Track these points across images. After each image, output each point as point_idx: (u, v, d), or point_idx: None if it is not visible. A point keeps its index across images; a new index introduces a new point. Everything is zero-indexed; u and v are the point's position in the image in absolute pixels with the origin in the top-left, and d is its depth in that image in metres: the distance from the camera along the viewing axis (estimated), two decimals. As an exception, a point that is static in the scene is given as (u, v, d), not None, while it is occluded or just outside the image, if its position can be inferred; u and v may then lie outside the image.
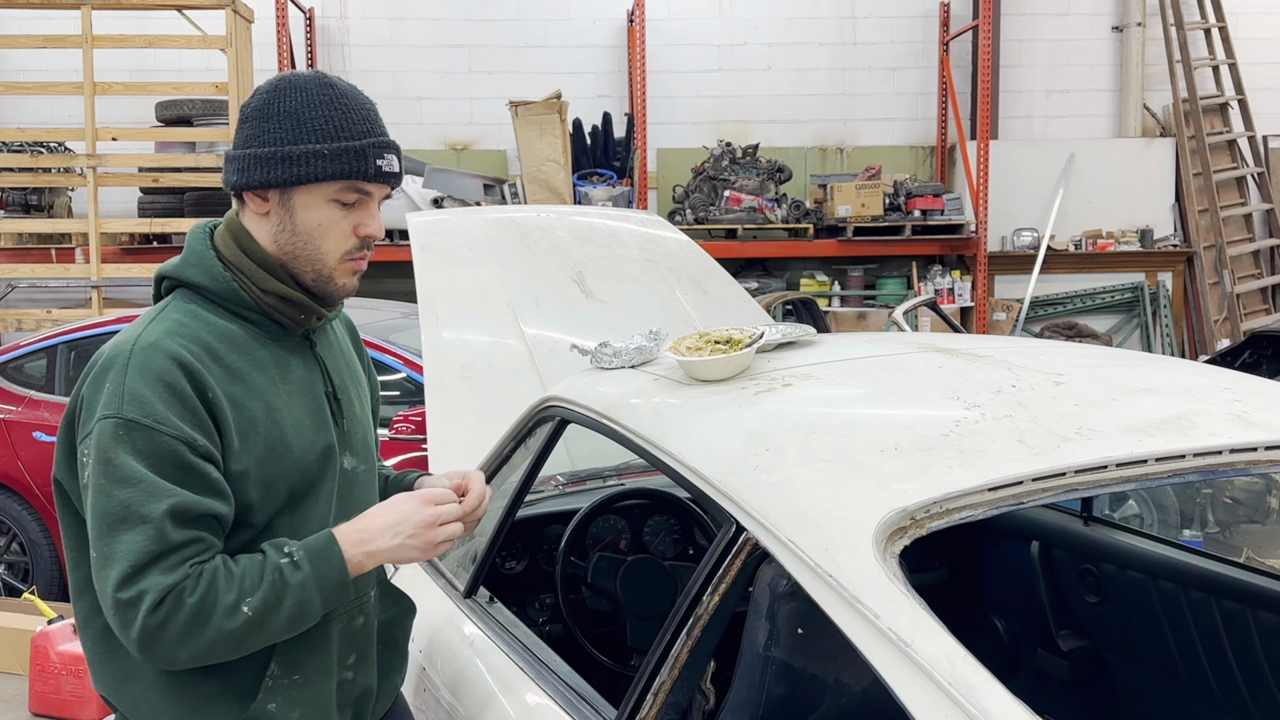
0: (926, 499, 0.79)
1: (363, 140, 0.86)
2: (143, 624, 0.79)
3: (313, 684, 0.89)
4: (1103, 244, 5.46)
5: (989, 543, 1.54)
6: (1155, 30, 5.56)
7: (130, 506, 0.80)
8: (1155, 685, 1.35)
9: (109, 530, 0.80)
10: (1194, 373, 1.08)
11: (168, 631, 0.80)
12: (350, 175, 0.86)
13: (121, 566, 0.79)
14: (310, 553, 0.84)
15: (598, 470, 1.67)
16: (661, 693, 0.90)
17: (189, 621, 0.80)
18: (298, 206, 0.87)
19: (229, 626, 0.81)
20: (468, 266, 1.65)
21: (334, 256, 0.88)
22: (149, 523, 0.80)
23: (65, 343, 2.95)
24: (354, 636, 0.93)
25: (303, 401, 0.90)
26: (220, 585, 0.81)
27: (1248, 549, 2.83)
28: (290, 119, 0.85)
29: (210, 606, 0.80)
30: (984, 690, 0.65)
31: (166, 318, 0.87)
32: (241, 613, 0.81)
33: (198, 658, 0.82)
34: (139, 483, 0.80)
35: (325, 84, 0.88)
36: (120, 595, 0.79)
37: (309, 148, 0.85)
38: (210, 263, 0.88)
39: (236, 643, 0.82)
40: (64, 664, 2.20)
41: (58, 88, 4.30)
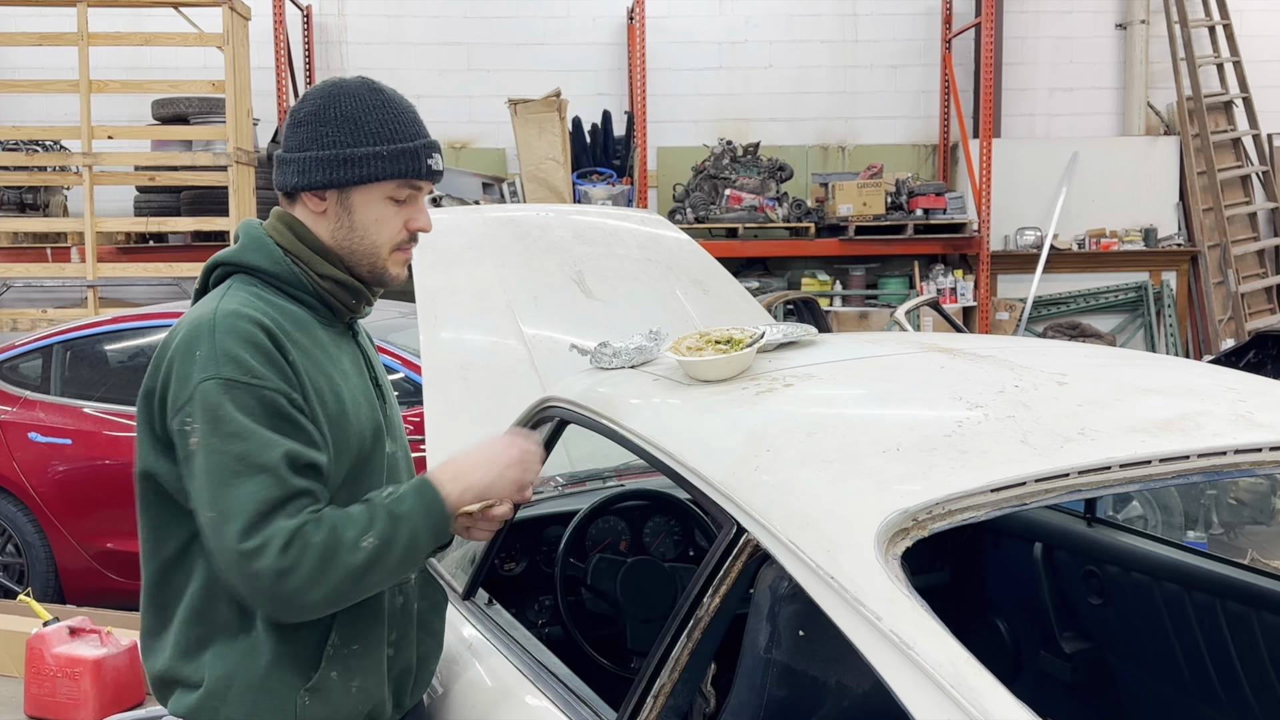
0: (929, 500, 0.79)
1: (415, 141, 0.94)
2: (274, 568, 0.82)
3: (370, 654, 0.92)
4: (1106, 243, 5.44)
5: (991, 544, 1.54)
6: (1159, 27, 5.54)
7: (247, 458, 0.83)
8: (1159, 688, 1.35)
9: (226, 485, 0.83)
10: (1198, 373, 1.07)
11: (298, 573, 0.83)
12: (406, 174, 0.93)
13: (245, 516, 0.82)
14: (412, 488, 0.90)
15: (597, 471, 1.67)
16: (662, 695, 0.90)
17: (318, 561, 0.83)
18: (356, 205, 0.93)
19: (354, 561, 0.84)
20: (466, 266, 1.65)
21: (387, 249, 0.95)
22: (267, 471, 0.83)
23: (61, 343, 2.94)
24: (395, 615, 0.96)
25: (356, 383, 0.95)
26: (340, 524, 0.85)
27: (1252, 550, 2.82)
28: (348, 123, 0.92)
29: (335, 544, 0.84)
30: (986, 693, 0.65)
31: (235, 295, 0.91)
32: (363, 547, 0.85)
33: (327, 599, 0.85)
34: (251, 435, 0.84)
35: (375, 89, 0.95)
36: (246, 545, 0.82)
37: (368, 150, 0.91)
38: (271, 249, 0.94)
39: (359, 578, 0.85)
40: (59, 666, 2.20)
41: (53, 85, 4.29)
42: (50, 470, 2.79)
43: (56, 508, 2.79)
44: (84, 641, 2.24)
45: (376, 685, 0.93)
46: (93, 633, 2.27)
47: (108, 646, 2.24)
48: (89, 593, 2.80)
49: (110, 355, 2.99)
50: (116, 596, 2.74)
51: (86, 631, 2.27)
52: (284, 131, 0.95)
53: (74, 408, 2.85)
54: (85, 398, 2.86)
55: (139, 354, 2.96)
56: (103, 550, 2.76)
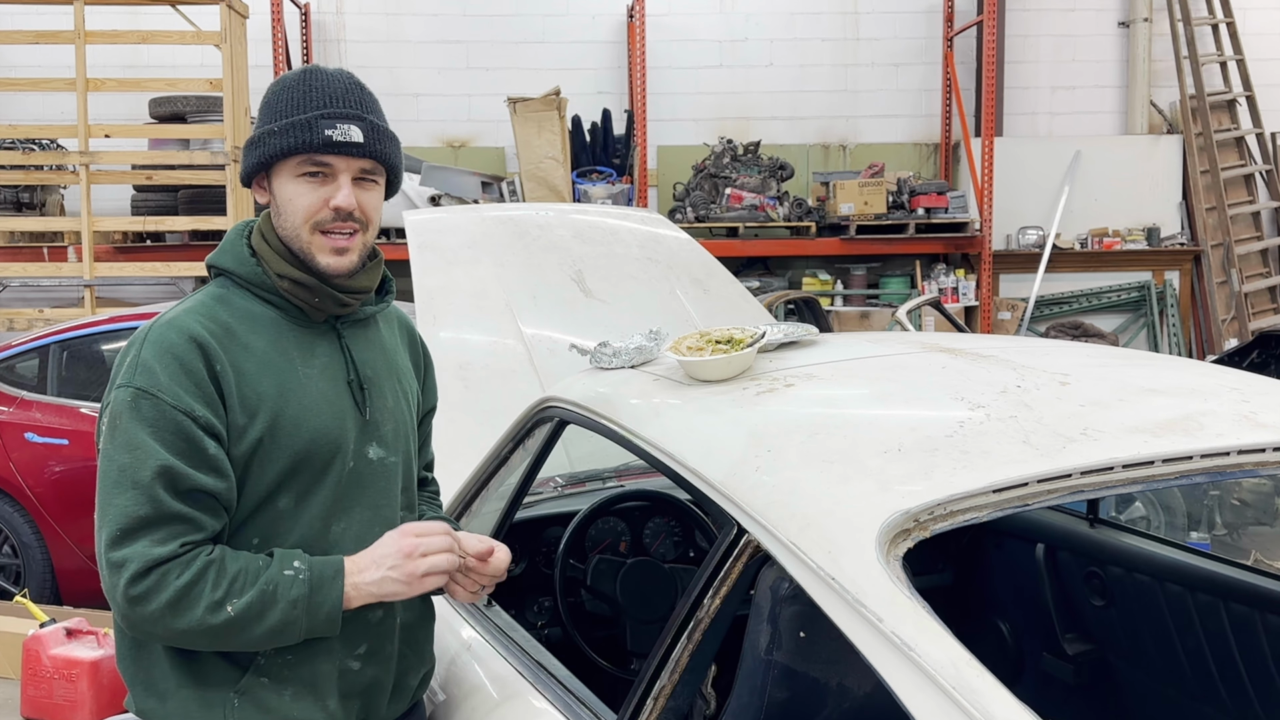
0: (930, 501, 0.79)
1: (309, 113, 0.89)
2: (124, 590, 0.82)
3: (304, 665, 0.90)
4: (1109, 242, 5.43)
5: (993, 545, 1.53)
6: (1162, 25, 5.52)
7: (126, 470, 0.84)
8: (1162, 689, 1.34)
9: (106, 493, 0.84)
10: (1201, 373, 1.07)
11: (148, 605, 0.82)
12: (298, 149, 0.89)
13: (112, 527, 0.83)
14: (314, 576, 0.86)
15: (597, 472, 1.67)
16: (662, 697, 0.89)
17: (170, 604, 0.82)
18: (276, 188, 0.92)
19: (210, 621, 0.83)
20: (465, 265, 1.64)
21: (306, 229, 0.91)
22: (140, 487, 0.83)
23: (57, 343, 2.93)
24: (368, 628, 0.93)
25: (321, 386, 0.93)
26: (210, 578, 0.83)
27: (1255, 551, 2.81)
28: (265, 108, 0.92)
29: (196, 596, 0.82)
30: (988, 695, 0.65)
31: (195, 299, 0.93)
32: (225, 611, 0.83)
33: (172, 640, 0.85)
34: (137, 448, 0.84)
35: (309, 71, 0.92)
36: (110, 556, 0.83)
37: (265, 129, 0.91)
38: (239, 250, 0.94)
39: (213, 638, 0.84)
40: (56, 668, 2.19)
41: (50, 84, 4.27)
42: (47, 471, 2.79)
43: (53, 508, 2.79)
44: (81, 643, 2.24)
45: (314, 694, 0.90)
46: (89, 634, 2.26)
47: (104, 648, 2.23)
48: (86, 594, 2.80)
49: (107, 355, 2.98)
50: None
51: (83, 633, 2.26)
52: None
53: (71, 408, 2.84)
54: (82, 398, 2.86)
55: (137, 354, 2.96)
56: (100, 551, 2.77)
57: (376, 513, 0.95)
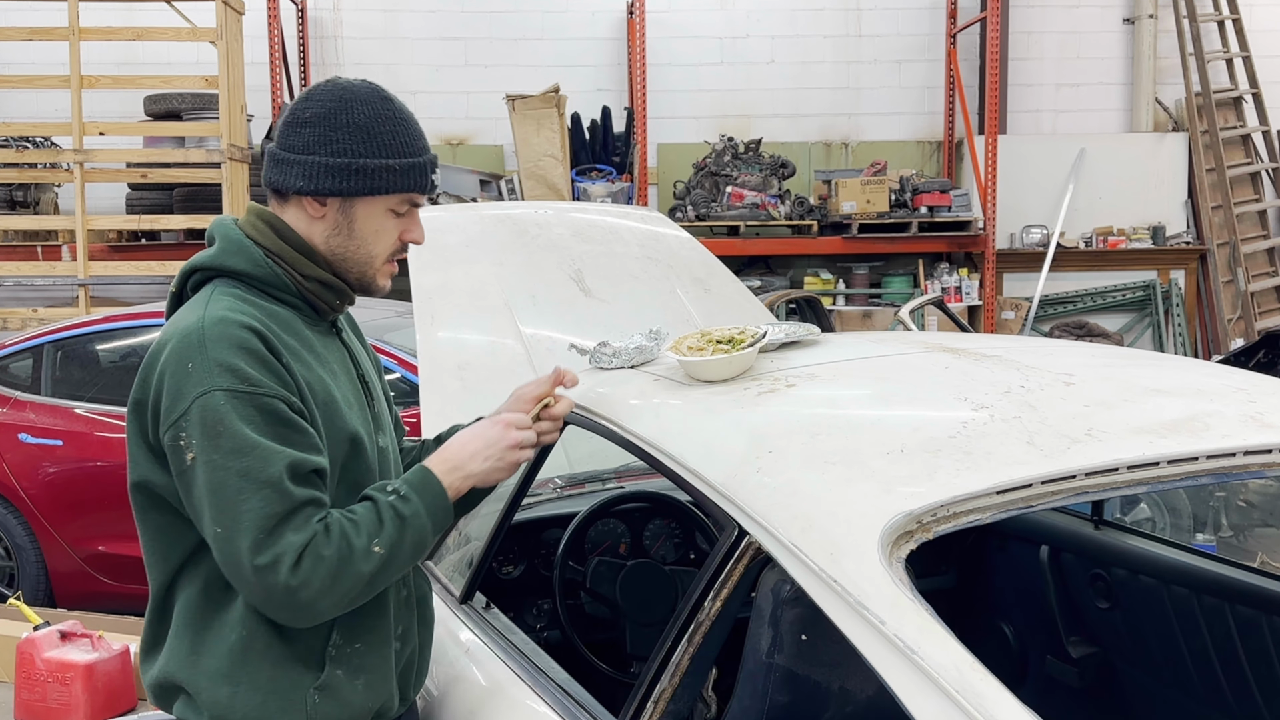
0: (933, 502, 0.78)
1: (424, 156, 0.94)
2: (285, 584, 0.82)
3: (373, 651, 0.92)
4: (1114, 241, 5.41)
5: (997, 547, 1.52)
6: (1167, 22, 5.50)
7: (249, 474, 0.83)
8: (1167, 692, 1.33)
9: (229, 502, 0.83)
10: (1207, 373, 1.06)
11: (311, 586, 0.83)
12: (413, 189, 0.94)
13: (253, 533, 0.82)
14: (413, 486, 0.90)
15: (597, 473, 1.66)
16: (662, 700, 0.89)
17: (330, 574, 0.84)
18: (358, 215, 0.93)
19: (366, 569, 0.85)
20: (464, 264, 1.63)
21: (381, 260, 0.95)
22: (271, 485, 0.83)
23: (51, 342, 2.91)
24: (400, 608, 0.96)
25: (343, 381, 0.95)
26: (350, 533, 0.86)
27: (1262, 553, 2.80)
28: (360, 132, 0.91)
29: (347, 554, 0.84)
30: (992, 698, 0.64)
31: (219, 301, 0.89)
32: (375, 554, 0.86)
33: (339, 605, 0.86)
34: (253, 448, 0.83)
35: (385, 98, 0.94)
36: (258, 561, 0.82)
37: (381, 162, 0.91)
38: (251, 251, 0.92)
39: (370, 582, 0.86)
40: (50, 671, 2.17)
41: (44, 81, 4.26)
42: (41, 472, 2.76)
43: (47, 510, 2.77)
44: (75, 646, 2.22)
45: (383, 681, 0.93)
46: (84, 637, 2.25)
47: (99, 651, 2.22)
48: (80, 596, 2.78)
49: (102, 355, 2.97)
50: (108, 600, 2.72)
51: (78, 636, 2.25)
52: (282, 128, 0.93)
53: (65, 408, 2.82)
54: (76, 398, 2.84)
55: (131, 354, 2.93)
56: (94, 553, 2.74)
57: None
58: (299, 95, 0.94)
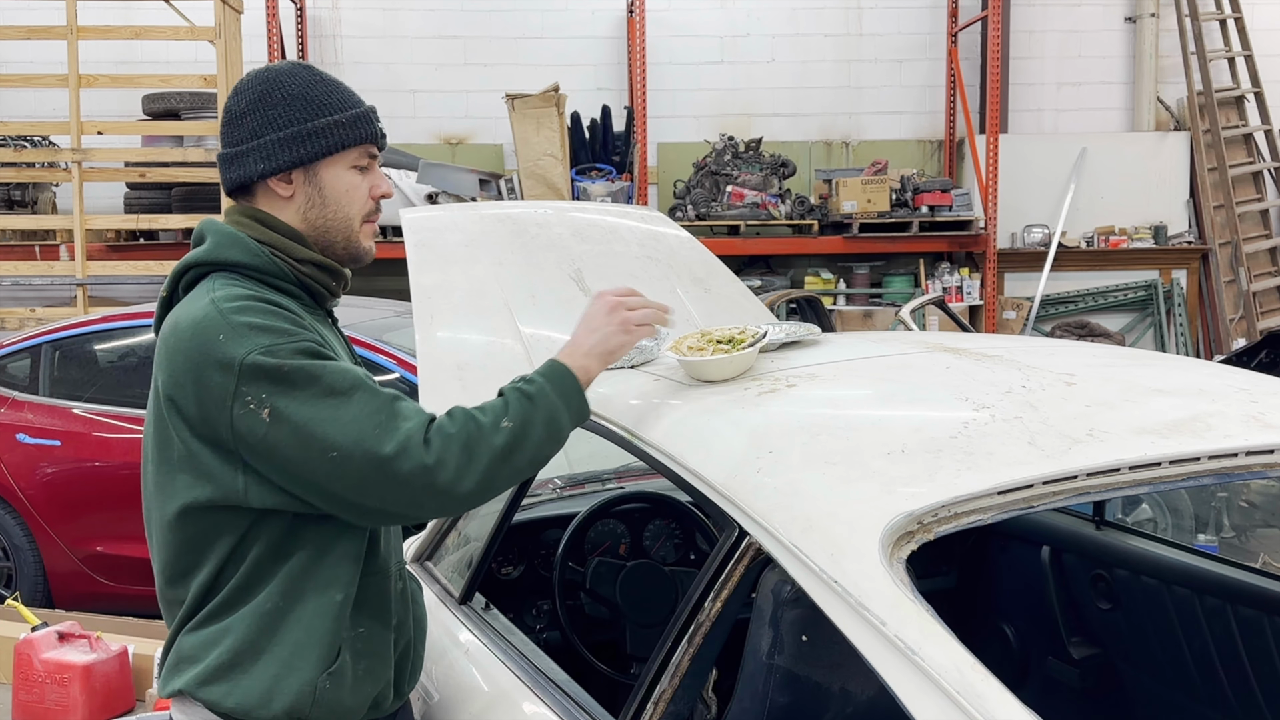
0: (934, 502, 0.78)
1: (363, 107, 0.94)
2: (421, 464, 0.82)
3: (375, 636, 0.92)
4: (1115, 241, 5.40)
5: (998, 547, 1.52)
6: (1169, 21, 5.48)
7: (334, 389, 0.83)
8: (1169, 694, 1.33)
9: (331, 421, 0.82)
10: (1209, 373, 1.06)
11: (447, 465, 0.83)
12: (365, 139, 0.94)
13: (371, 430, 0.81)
14: (538, 371, 0.91)
15: (596, 473, 1.66)
16: (662, 702, 0.89)
17: (463, 448, 0.83)
18: (325, 179, 0.93)
19: (498, 442, 0.85)
20: (463, 264, 1.63)
21: (359, 219, 0.95)
22: (359, 387, 0.83)
23: (50, 342, 2.91)
24: (397, 599, 0.96)
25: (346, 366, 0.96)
26: (474, 413, 0.86)
27: (1264, 554, 2.80)
28: (298, 100, 0.91)
29: (475, 430, 0.85)
30: (993, 699, 0.64)
31: (221, 289, 0.88)
32: (504, 428, 0.86)
33: (481, 486, 0.85)
34: (323, 370, 0.83)
35: (307, 67, 0.94)
36: (387, 450, 0.81)
37: (328, 119, 0.91)
38: (246, 243, 0.91)
39: (508, 458, 0.86)
40: (47, 672, 2.17)
41: (42, 80, 4.24)
42: (39, 472, 2.76)
43: (45, 511, 2.76)
44: (73, 647, 2.21)
45: (383, 667, 0.93)
46: (82, 638, 2.25)
47: (97, 652, 2.21)
48: (78, 597, 2.77)
49: (100, 355, 2.96)
50: (106, 601, 2.71)
51: (75, 637, 2.24)
52: (223, 130, 0.93)
53: (63, 408, 2.81)
54: (74, 398, 2.83)
55: (129, 354, 2.93)
56: (92, 554, 2.74)
57: None
58: (229, 94, 0.94)
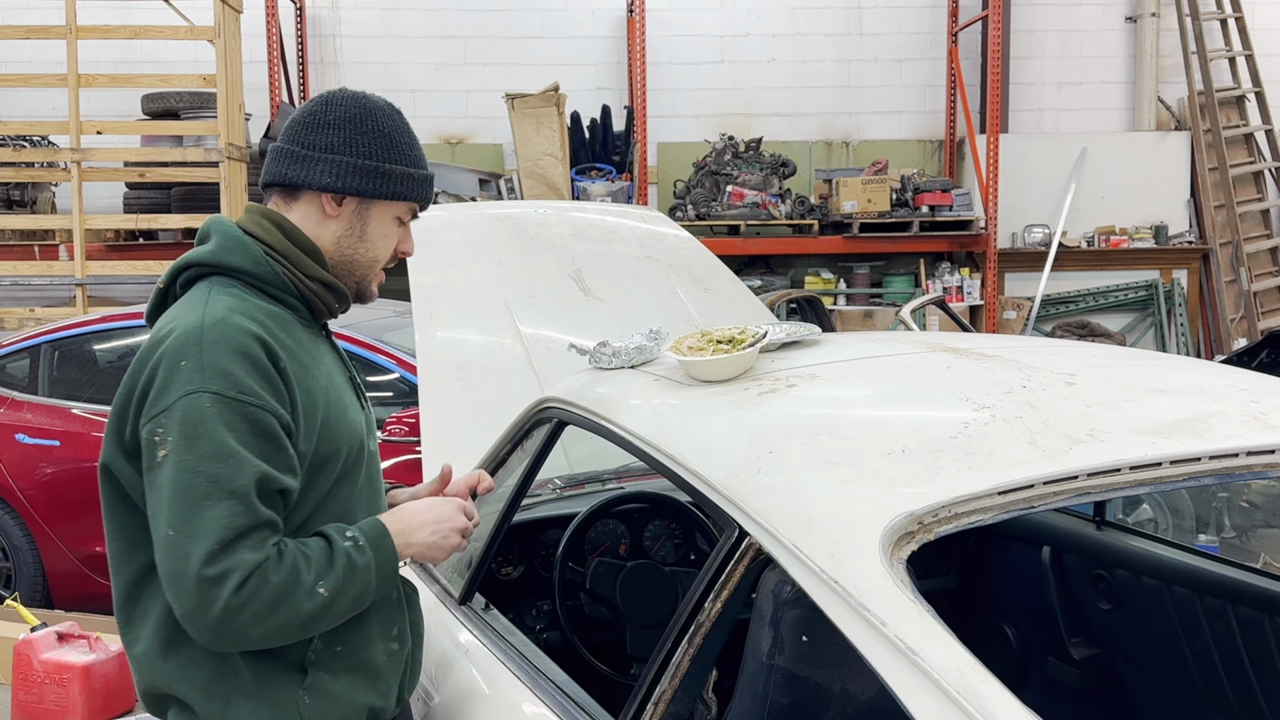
0: (934, 503, 0.78)
1: (431, 171, 0.99)
2: (226, 602, 0.80)
3: (355, 654, 0.92)
4: (1116, 240, 5.40)
5: (999, 548, 1.52)
6: (1170, 21, 5.48)
7: (220, 481, 0.81)
8: (1170, 694, 1.33)
9: (193, 506, 0.81)
10: (1210, 373, 1.06)
11: (248, 610, 0.81)
12: (423, 199, 0.98)
13: (209, 542, 0.80)
14: (370, 540, 0.89)
15: (596, 473, 1.65)
16: (662, 702, 0.89)
17: (271, 600, 0.82)
18: (373, 218, 0.95)
19: (307, 607, 0.84)
20: (463, 264, 1.63)
21: (381, 265, 0.98)
22: (237, 497, 0.81)
23: (49, 342, 2.90)
24: (393, 609, 0.96)
25: (339, 383, 0.96)
26: (301, 566, 0.84)
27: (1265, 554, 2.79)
28: (386, 140, 0.94)
29: (292, 586, 0.83)
30: (994, 699, 0.64)
31: (219, 301, 0.88)
32: (319, 594, 0.84)
33: (267, 638, 0.84)
34: (229, 457, 0.81)
35: (398, 112, 0.98)
36: (206, 572, 0.80)
37: (405, 170, 0.95)
38: (251, 249, 0.91)
39: (306, 623, 0.85)
40: (47, 673, 2.16)
41: (41, 79, 4.24)
42: (38, 472, 2.75)
43: (44, 511, 2.76)
44: (72, 647, 2.21)
45: (372, 681, 0.92)
46: (81, 638, 2.24)
47: (96, 652, 2.21)
48: (77, 597, 2.77)
49: (99, 355, 2.96)
50: (105, 601, 2.65)
51: (75, 637, 2.24)
52: (299, 128, 0.93)
53: (62, 409, 2.81)
54: (73, 398, 2.83)
55: (128, 354, 2.93)
56: (91, 554, 2.72)
57: (381, 499, 1.00)
58: (316, 99, 0.95)
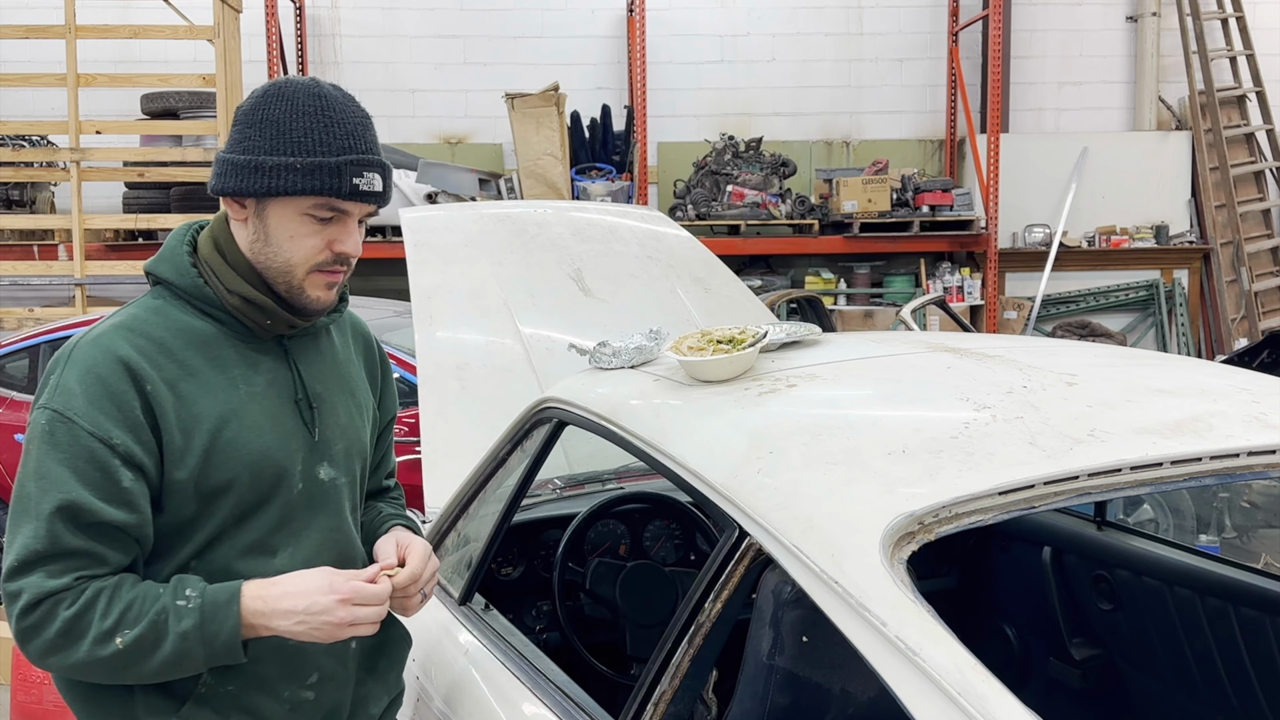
0: (935, 503, 0.78)
1: (340, 157, 0.85)
2: (16, 623, 0.81)
3: (247, 695, 0.87)
4: (1117, 240, 5.40)
5: (999, 548, 1.52)
6: (1171, 20, 5.48)
7: (29, 500, 0.81)
8: (1171, 695, 1.33)
9: (13, 520, 0.82)
10: (1211, 373, 1.06)
11: (39, 638, 0.80)
12: (322, 192, 0.85)
13: (11, 558, 0.81)
14: (206, 603, 0.82)
15: (596, 474, 1.65)
16: (662, 703, 0.88)
17: (60, 635, 0.80)
18: (271, 217, 0.87)
19: (100, 653, 0.80)
20: (462, 264, 1.63)
21: (303, 269, 0.88)
22: (39, 520, 0.81)
23: (48, 342, 2.91)
24: (318, 653, 0.89)
25: (266, 405, 0.89)
26: (99, 608, 0.80)
27: (1266, 554, 2.79)
28: (271, 128, 0.85)
29: (84, 627, 0.80)
30: (994, 700, 0.64)
31: (128, 311, 0.89)
32: (114, 644, 0.80)
33: (69, 672, 0.83)
34: (43, 477, 0.81)
35: (315, 94, 0.86)
36: (7, 586, 0.81)
37: (282, 160, 0.84)
38: (180, 259, 0.89)
39: (108, 671, 0.81)
40: (46, 673, 2.17)
41: (40, 79, 4.24)
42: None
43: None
44: (72, 647, 2.22)
45: None
46: (81, 638, 2.24)
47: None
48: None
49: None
50: None
51: (75, 637, 2.24)
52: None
53: None
54: (73, 399, 2.85)
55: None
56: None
57: (328, 535, 0.92)
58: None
